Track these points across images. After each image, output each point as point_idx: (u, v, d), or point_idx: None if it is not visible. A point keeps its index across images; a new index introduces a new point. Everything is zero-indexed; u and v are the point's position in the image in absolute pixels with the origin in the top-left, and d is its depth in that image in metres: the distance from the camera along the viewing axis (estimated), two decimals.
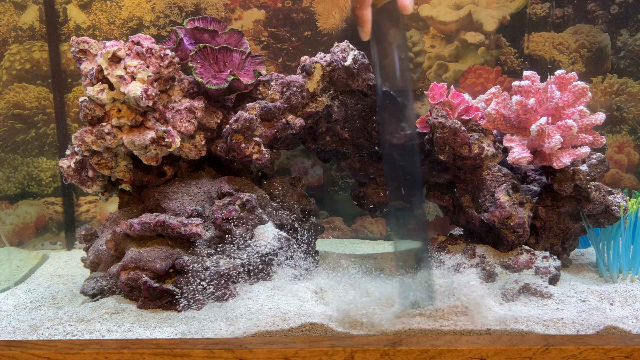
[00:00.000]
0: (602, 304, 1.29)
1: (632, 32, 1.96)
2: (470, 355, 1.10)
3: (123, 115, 1.40)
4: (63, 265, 1.86)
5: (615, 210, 1.51)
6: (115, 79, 1.37)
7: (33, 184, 2.08)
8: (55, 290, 1.58)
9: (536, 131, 1.40)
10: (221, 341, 1.15)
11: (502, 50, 1.98)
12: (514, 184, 1.51)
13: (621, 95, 2.00)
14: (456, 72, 1.99)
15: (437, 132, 1.49)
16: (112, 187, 1.57)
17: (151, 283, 1.29)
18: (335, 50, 1.58)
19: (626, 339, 1.14)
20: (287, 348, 1.10)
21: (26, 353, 1.11)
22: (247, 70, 1.55)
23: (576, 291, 1.36)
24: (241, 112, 1.45)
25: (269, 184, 1.63)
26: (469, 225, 1.63)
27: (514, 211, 1.47)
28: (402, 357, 1.10)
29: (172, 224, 1.34)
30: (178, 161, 1.52)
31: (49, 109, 2.03)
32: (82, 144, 1.41)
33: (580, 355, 1.10)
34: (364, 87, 1.59)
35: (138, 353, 1.10)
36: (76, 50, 1.41)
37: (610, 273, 1.55)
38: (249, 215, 1.43)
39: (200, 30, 1.53)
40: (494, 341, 1.13)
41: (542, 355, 1.09)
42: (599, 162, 1.52)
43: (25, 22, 1.99)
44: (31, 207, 2.09)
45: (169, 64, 1.41)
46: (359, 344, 1.11)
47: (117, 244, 1.40)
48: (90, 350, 1.10)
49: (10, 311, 1.42)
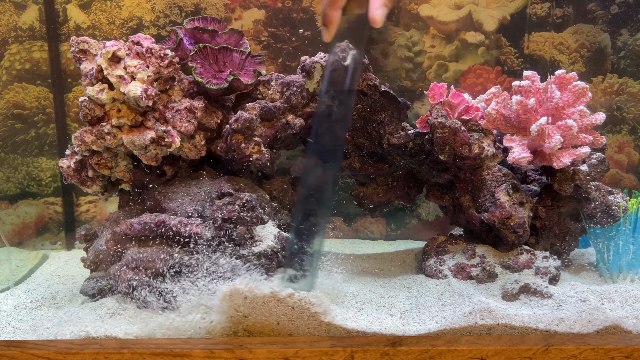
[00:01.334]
0: (603, 304, 1.29)
1: (632, 32, 1.96)
2: (470, 355, 1.10)
3: (123, 115, 1.40)
4: (63, 265, 1.86)
5: (616, 210, 1.51)
6: (115, 78, 1.36)
7: (33, 184, 2.08)
8: (55, 290, 1.58)
9: (536, 131, 1.40)
10: (221, 341, 1.15)
11: (502, 50, 1.98)
12: (514, 184, 1.51)
13: (621, 95, 2.00)
14: (456, 72, 1.99)
15: (437, 132, 1.49)
16: (112, 187, 1.57)
17: (151, 283, 1.29)
18: (335, 50, 1.58)
19: (626, 339, 1.14)
20: (287, 348, 1.10)
21: (26, 353, 1.11)
22: (247, 70, 1.55)
23: (576, 291, 1.36)
24: (241, 112, 1.45)
25: (269, 184, 1.63)
26: (469, 225, 1.63)
27: (514, 211, 1.47)
28: (402, 357, 1.10)
29: (172, 224, 1.34)
30: (178, 161, 1.52)
31: (49, 109, 2.03)
32: (82, 144, 1.41)
33: (581, 355, 1.10)
34: (364, 87, 1.59)
35: (138, 353, 1.10)
36: (76, 50, 1.41)
37: (610, 273, 1.55)
38: (249, 215, 1.43)
39: (200, 30, 1.53)
40: (494, 341, 1.13)
41: (542, 355, 1.10)
42: (599, 162, 1.52)
43: (25, 22, 1.99)
44: (31, 207, 2.09)
45: (169, 64, 1.41)
46: (359, 344, 1.11)
47: (117, 244, 1.40)
48: (90, 350, 1.10)
49: (10, 311, 1.42)
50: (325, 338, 1.16)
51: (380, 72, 1.97)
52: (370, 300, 1.39)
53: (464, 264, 1.53)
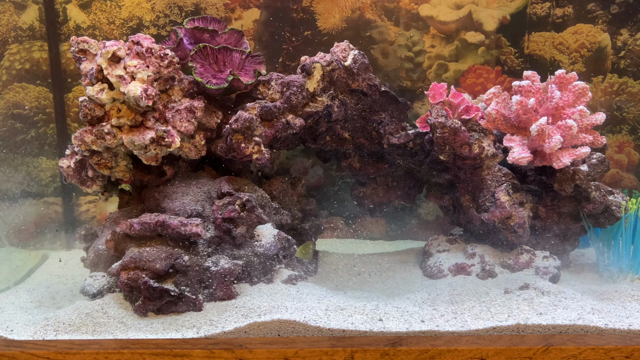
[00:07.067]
0: (602, 304, 1.29)
1: (632, 32, 1.96)
2: (470, 355, 1.10)
3: (123, 115, 1.40)
4: (63, 265, 1.86)
5: (616, 210, 1.50)
6: (115, 78, 1.36)
7: (33, 184, 2.08)
8: (55, 290, 1.58)
9: (536, 131, 1.40)
10: (221, 341, 1.15)
11: (502, 50, 1.98)
12: (514, 184, 1.51)
13: (621, 95, 2.00)
14: (456, 72, 1.99)
15: (437, 132, 1.49)
16: (112, 187, 1.57)
17: (151, 283, 1.29)
18: (335, 50, 1.58)
19: (626, 339, 1.14)
20: (287, 348, 1.10)
21: (26, 353, 1.11)
22: (247, 70, 1.55)
23: (576, 291, 1.36)
24: (241, 112, 1.45)
25: (269, 184, 1.63)
26: (469, 225, 1.62)
27: (514, 211, 1.47)
28: (402, 357, 1.10)
29: (172, 223, 1.34)
30: (178, 161, 1.52)
31: (49, 108, 2.03)
32: (82, 143, 1.41)
33: (580, 355, 1.10)
34: (364, 86, 1.59)
35: (138, 353, 1.10)
36: (76, 50, 1.41)
37: (610, 273, 1.55)
38: (248, 215, 1.43)
39: (200, 30, 1.53)
40: (494, 341, 1.13)
41: (542, 355, 1.09)
42: (599, 162, 1.52)
43: (25, 22, 1.99)
44: (31, 207, 2.09)
45: (168, 64, 1.41)
46: (359, 344, 1.11)
47: (117, 244, 1.40)
48: (90, 350, 1.10)
49: (9, 311, 1.42)
50: (325, 338, 1.16)
51: (380, 72, 1.97)
52: (370, 299, 1.38)
53: (464, 263, 1.53)
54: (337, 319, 1.23)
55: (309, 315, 1.22)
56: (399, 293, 1.46)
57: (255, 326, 1.20)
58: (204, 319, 1.25)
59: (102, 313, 1.28)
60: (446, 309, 1.28)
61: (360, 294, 1.44)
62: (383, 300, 1.37)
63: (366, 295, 1.43)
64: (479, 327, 1.19)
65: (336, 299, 1.34)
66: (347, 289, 1.52)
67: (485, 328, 1.18)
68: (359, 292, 1.46)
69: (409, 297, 1.38)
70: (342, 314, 1.25)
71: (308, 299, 1.32)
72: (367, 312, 1.26)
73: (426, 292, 1.41)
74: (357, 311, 1.26)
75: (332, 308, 1.27)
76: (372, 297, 1.40)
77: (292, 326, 1.20)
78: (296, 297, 1.34)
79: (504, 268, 1.49)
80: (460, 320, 1.22)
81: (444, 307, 1.29)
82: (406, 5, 1.95)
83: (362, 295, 1.42)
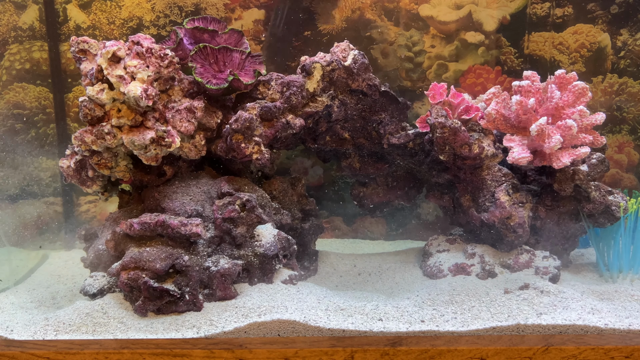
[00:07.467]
0: (602, 304, 1.29)
1: (632, 32, 1.96)
2: (470, 355, 1.10)
3: (123, 115, 1.40)
4: (63, 265, 1.86)
5: (615, 210, 1.50)
6: (115, 78, 1.36)
7: (33, 184, 2.08)
8: (55, 290, 1.58)
9: (536, 131, 1.40)
10: (221, 341, 1.15)
11: (502, 50, 1.98)
12: (514, 184, 1.51)
13: (621, 95, 2.00)
14: (456, 72, 1.99)
15: (437, 132, 1.49)
16: (112, 187, 1.57)
17: (151, 283, 1.29)
18: (335, 50, 1.58)
19: (626, 339, 1.14)
20: (287, 348, 1.10)
21: (26, 353, 1.11)
22: (247, 70, 1.55)
23: (576, 291, 1.36)
24: (241, 112, 1.45)
25: (269, 184, 1.63)
26: (469, 225, 1.63)
27: (514, 211, 1.47)
28: (402, 357, 1.10)
29: (172, 223, 1.34)
30: (178, 161, 1.52)
31: (49, 108, 2.03)
32: (82, 143, 1.41)
33: (580, 355, 1.10)
34: (364, 87, 1.59)
35: (138, 353, 1.10)
36: (76, 50, 1.41)
37: (610, 273, 1.55)
38: (248, 215, 1.43)
39: (200, 30, 1.53)
40: (494, 341, 1.13)
41: (542, 355, 1.09)
42: (599, 162, 1.52)
43: (25, 22, 1.99)
44: (31, 207, 2.09)
45: (168, 64, 1.41)
46: (359, 344, 1.11)
47: (117, 244, 1.40)
48: (90, 350, 1.10)
49: (9, 311, 1.42)
50: (325, 338, 1.16)
51: (380, 72, 1.97)
52: (370, 299, 1.38)
53: (464, 263, 1.53)
54: (337, 319, 1.23)
55: (309, 315, 1.23)
56: (399, 293, 1.46)
57: (255, 326, 1.20)
58: (204, 319, 1.26)
59: (102, 313, 1.28)
60: (446, 309, 1.28)
61: (360, 294, 1.44)
62: (383, 300, 1.37)
63: (366, 295, 1.43)
64: (479, 327, 1.19)
65: (336, 299, 1.34)
66: (347, 289, 1.52)
67: (485, 328, 1.18)
68: (359, 292, 1.46)
69: (408, 297, 1.38)
70: (342, 314, 1.25)
71: (308, 299, 1.32)
72: (367, 312, 1.26)
73: (426, 292, 1.41)
74: (357, 311, 1.27)
75: (332, 308, 1.28)
76: (372, 297, 1.40)
77: (292, 326, 1.20)
78: (296, 297, 1.34)
79: (504, 268, 1.49)
80: (460, 320, 1.22)
81: (444, 307, 1.29)
82: (406, 5, 1.95)
83: (362, 295, 1.42)
